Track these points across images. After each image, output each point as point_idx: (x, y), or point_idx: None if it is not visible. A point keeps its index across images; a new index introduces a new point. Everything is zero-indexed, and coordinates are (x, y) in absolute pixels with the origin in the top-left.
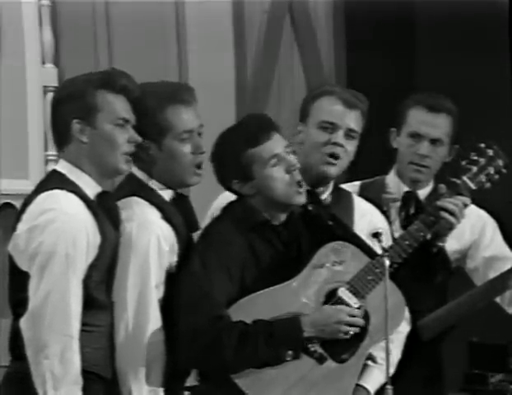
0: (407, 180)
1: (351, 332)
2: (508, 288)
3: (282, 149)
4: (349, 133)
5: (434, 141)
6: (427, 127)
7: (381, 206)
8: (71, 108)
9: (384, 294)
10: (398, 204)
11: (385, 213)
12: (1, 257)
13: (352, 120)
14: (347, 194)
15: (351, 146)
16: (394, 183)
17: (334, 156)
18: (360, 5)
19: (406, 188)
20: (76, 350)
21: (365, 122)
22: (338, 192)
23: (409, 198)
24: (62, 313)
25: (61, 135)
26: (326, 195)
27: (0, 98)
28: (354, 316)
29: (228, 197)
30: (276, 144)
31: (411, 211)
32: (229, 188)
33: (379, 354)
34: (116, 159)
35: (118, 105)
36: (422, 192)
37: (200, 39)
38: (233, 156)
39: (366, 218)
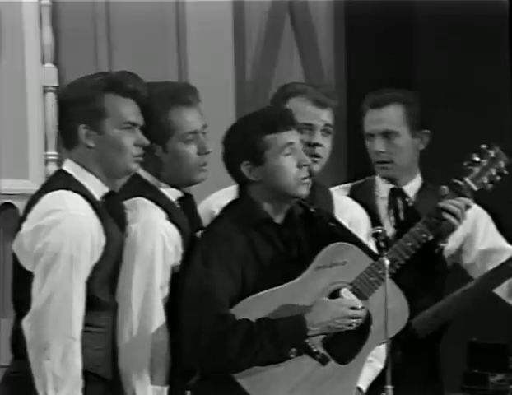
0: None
1: (354, 325)
2: (506, 279)
3: (298, 142)
4: (325, 129)
5: (385, 135)
6: (374, 124)
7: (368, 205)
8: (78, 112)
9: (385, 292)
10: (386, 202)
11: (376, 214)
12: (1, 256)
13: (327, 117)
14: (326, 190)
15: (328, 143)
16: (382, 183)
17: (316, 156)
18: (361, 5)
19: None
20: (78, 352)
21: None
22: (317, 189)
23: (395, 194)
24: (64, 314)
25: (68, 137)
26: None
27: (0, 98)
28: (354, 308)
29: (213, 202)
30: (292, 136)
31: (400, 206)
32: (235, 172)
33: None
34: (124, 162)
35: (126, 109)
36: (408, 188)
37: (200, 38)
38: (248, 139)
39: (347, 213)
